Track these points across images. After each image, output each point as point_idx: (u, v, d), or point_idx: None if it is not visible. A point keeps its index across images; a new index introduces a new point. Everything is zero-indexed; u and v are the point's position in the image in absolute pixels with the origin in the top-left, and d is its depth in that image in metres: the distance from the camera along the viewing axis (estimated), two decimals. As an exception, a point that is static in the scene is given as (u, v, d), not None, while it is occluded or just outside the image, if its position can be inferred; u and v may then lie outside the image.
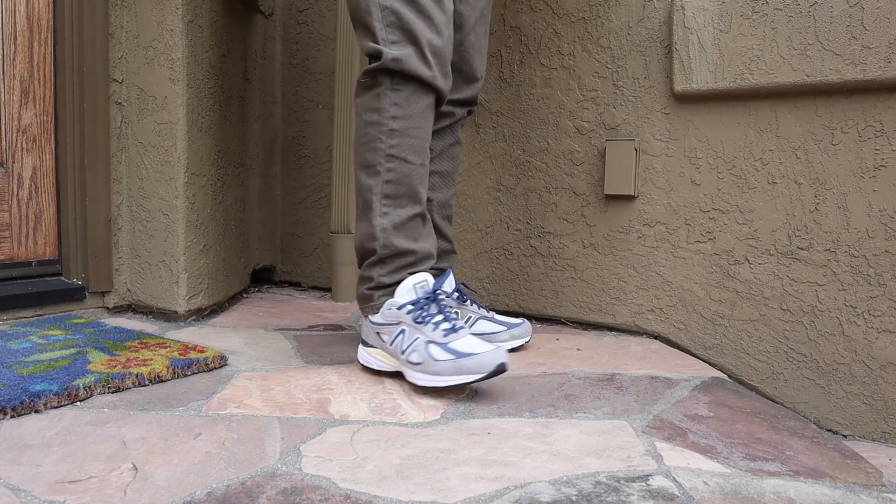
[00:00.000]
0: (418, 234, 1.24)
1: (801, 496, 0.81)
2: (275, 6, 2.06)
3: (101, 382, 1.09)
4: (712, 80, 1.41)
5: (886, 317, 1.29)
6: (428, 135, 1.23)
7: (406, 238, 1.22)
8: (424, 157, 1.23)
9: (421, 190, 1.23)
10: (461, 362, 1.08)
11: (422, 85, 1.21)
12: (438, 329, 1.14)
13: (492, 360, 1.07)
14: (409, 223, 1.23)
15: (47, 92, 1.60)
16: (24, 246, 1.59)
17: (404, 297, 1.19)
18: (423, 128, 1.23)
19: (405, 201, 1.22)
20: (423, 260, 1.24)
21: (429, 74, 1.20)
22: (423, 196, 1.24)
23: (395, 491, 0.79)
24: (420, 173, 1.23)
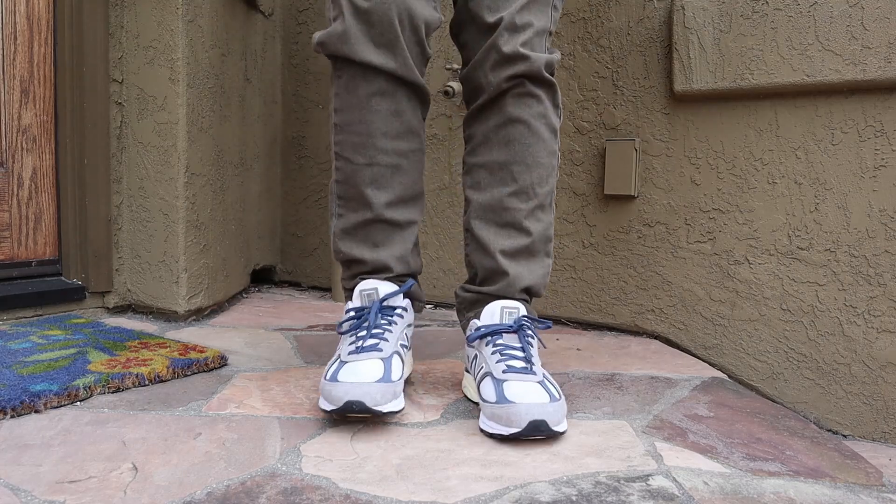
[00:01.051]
0: (375, 241, 1.10)
1: (801, 496, 0.81)
2: (275, 6, 2.06)
3: (101, 382, 1.09)
4: (712, 80, 1.41)
5: (886, 317, 1.29)
6: (377, 129, 1.06)
7: (356, 244, 1.10)
8: (374, 155, 1.07)
9: (370, 193, 1.08)
10: (324, 387, 0.94)
11: (360, 67, 1.02)
12: (344, 347, 1.02)
13: (343, 395, 0.91)
14: (361, 229, 1.10)
15: (47, 92, 1.60)
16: (24, 246, 1.59)
17: (351, 305, 1.07)
18: (368, 121, 1.05)
19: (356, 205, 1.09)
20: (379, 270, 1.11)
21: (354, 51, 1.00)
22: (378, 199, 1.08)
23: (395, 491, 0.79)
24: (366, 175, 1.07)
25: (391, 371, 0.96)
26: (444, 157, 1.82)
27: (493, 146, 1.10)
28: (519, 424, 0.91)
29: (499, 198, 1.10)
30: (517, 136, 1.09)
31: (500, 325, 1.04)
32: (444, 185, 1.82)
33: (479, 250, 1.12)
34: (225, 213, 1.76)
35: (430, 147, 1.83)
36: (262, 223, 2.04)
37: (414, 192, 1.13)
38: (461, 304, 1.17)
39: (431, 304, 1.86)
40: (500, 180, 1.10)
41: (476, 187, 1.13)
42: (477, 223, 1.12)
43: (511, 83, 1.07)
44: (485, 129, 1.11)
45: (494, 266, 1.10)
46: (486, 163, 1.11)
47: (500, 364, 1.00)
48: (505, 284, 1.10)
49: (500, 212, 1.10)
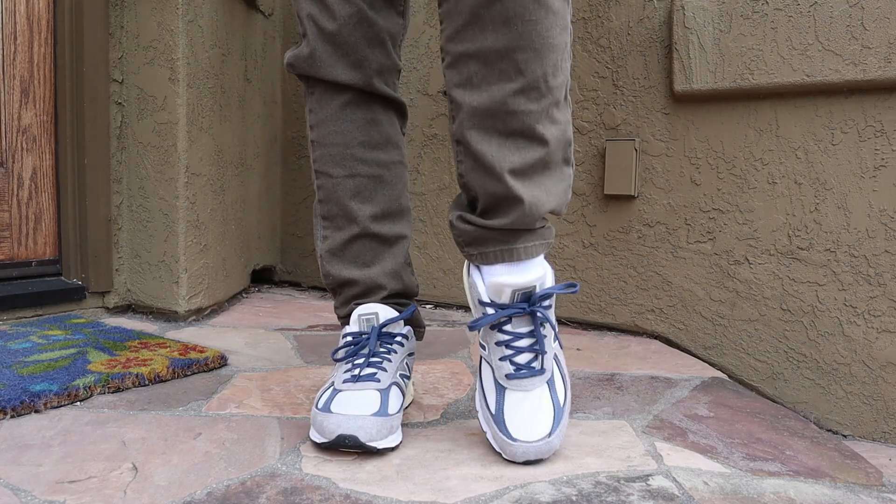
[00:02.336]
0: (364, 259, 1.04)
1: (801, 496, 0.81)
2: (275, 6, 2.06)
3: (101, 382, 1.09)
4: (712, 80, 1.41)
5: (886, 317, 1.29)
6: (353, 138, 1.02)
7: (345, 265, 1.04)
8: (353, 165, 1.02)
9: (354, 207, 1.02)
10: (316, 417, 0.89)
11: (330, 83, 1.01)
12: (338, 375, 0.95)
13: (335, 429, 0.85)
14: (349, 247, 1.04)
15: (47, 92, 1.60)
16: (24, 246, 1.59)
17: (348, 330, 1.01)
18: (342, 132, 1.02)
19: (341, 222, 1.03)
20: (372, 290, 1.04)
21: (323, 73, 0.99)
22: (363, 212, 1.02)
23: (395, 491, 0.79)
24: (348, 187, 1.02)
25: (388, 403, 0.90)
26: (444, 157, 1.82)
27: (485, 26, 0.81)
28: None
29: (501, 98, 0.83)
30: (519, 9, 0.80)
31: (509, 310, 0.88)
32: (444, 185, 1.82)
33: (479, 169, 0.87)
34: (225, 213, 1.76)
35: (430, 147, 1.83)
36: (262, 223, 2.04)
37: (399, 206, 1.07)
38: (460, 237, 0.93)
39: (431, 303, 1.86)
40: (501, 74, 0.82)
41: (467, 85, 0.85)
42: (473, 134, 0.86)
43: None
44: (472, 2, 0.81)
45: (503, 191, 0.86)
46: (479, 51, 0.82)
47: (505, 362, 0.89)
48: (520, 214, 0.86)
49: (503, 117, 0.84)
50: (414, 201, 1.87)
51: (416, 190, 1.86)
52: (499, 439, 0.87)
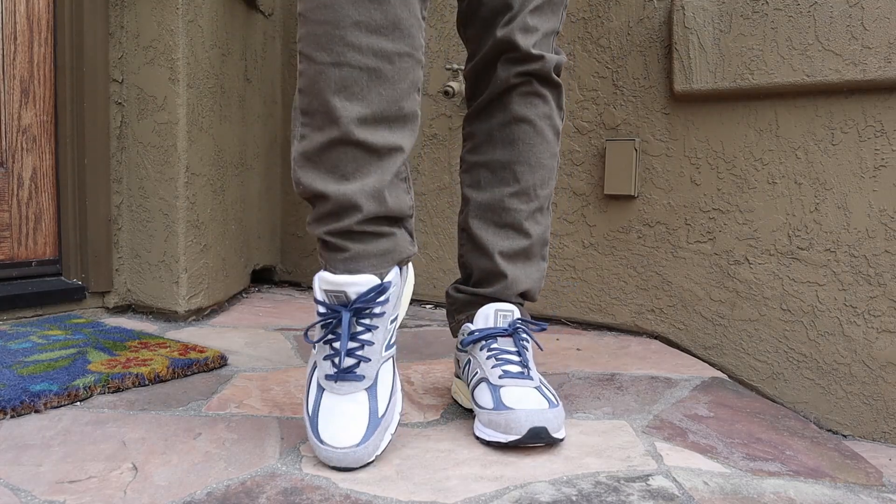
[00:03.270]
0: (343, 170, 0.86)
1: (801, 496, 0.81)
2: (275, 6, 2.06)
3: (101, 382, 1.09)
4: (712, 80, 1.41)
5: (886, 317, 1.29)
6: (346, 15, 0.83)
7: (319, 174, 0.86)
8: (342, 51, 0.83)
9: (336, 102, 0.83)
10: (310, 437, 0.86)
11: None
12: (319, 361, 0.90)
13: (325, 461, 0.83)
14: (327, 153, 0.85)
15: (47, 92, 1.60)
16: (24, 246, 1.59)
17: (318, 295, 0.89)
18: (333, 6, 0.82)
19: (321, 120, 0.85)
20: (345, 210, 0.86)
21: None
22: (347, 112, 0.84)
23: (395, 491, 0.79)
24: (331, 77, 0.83)
25: (377, 407, 0.86)
26: (444, 157, 1.82)
27: (496, 144, 1.06)
28: (519, 431, 0.88)
29: (500, 198, 1.05)
30: (522, 135, 1.05)
31: (494, 329, 1.01)
32: (444, 185, 1.82)
33: (476, 251, 1.07)
34: (225, 213, 1.76)
35: (430, 147, 1.83)
36: (262, 223, 2.04)
37: (400, 110, 0.88)
38: (452, 305, 1.12)
39: (431, 303, 1.86)
40: (502, 180, 1.06)
41: (476, 186, 1.08)
42: (475, 223, 1.06)
43: (519, 80, 1.03)
44: (488, 126, 1.07)
45: (492, 267, 1.05)
46: (488, 161, 1.06)
47: (497, 369, 0.97)
48: (502, 287, 1.05)
49: (500, 212, 1.05)
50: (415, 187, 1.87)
51: (417, 190, 1.86)
52: (497, 418, 0.91)
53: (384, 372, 0.90)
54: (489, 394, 0.94)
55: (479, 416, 0.94)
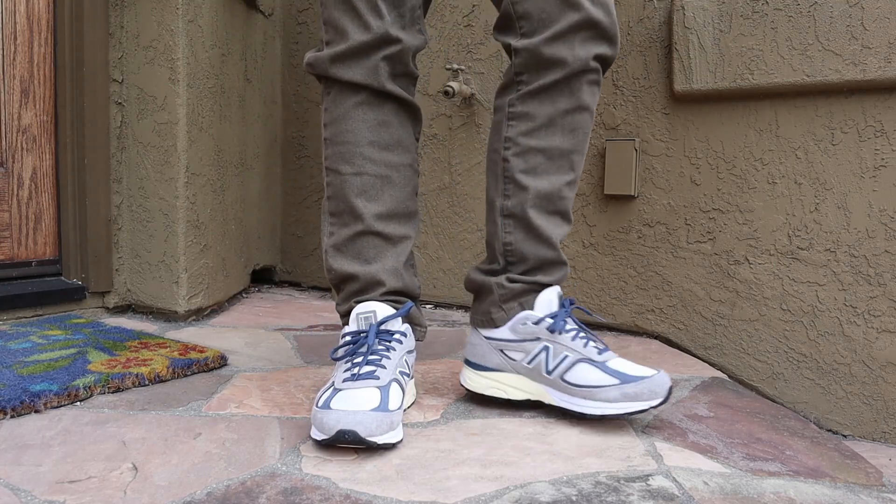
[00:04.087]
0: (367, 256, 1.07)
1: (801, 496, 0.81)
2: (275, 6, 2.06)
3: (101, 382, 1.09)
4: (712, 80, 1.41)
5: (886, 317, 1.29)
6: (360, 137, 1.07)
7: (347, 260, 1.07)
8: (361, 164, 1.07)
9: (359, 203, 1.06)
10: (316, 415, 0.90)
11: (347, 83, 1.06)
12: (338, 374, 0.97)
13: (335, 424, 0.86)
14: (352, 243, 1.07)
15: (47, 92, 1.60)
16: (24, 246, 1.59)
17: (347, 329, 1.03)
18: (353, 131, 1.07)
19: (347, 218, 1.08)
20: (371, 286, 1.07)
21: (340, 74, 1.05)
22: (368, 210, 1.06)
23: (395, 491, 0.79)
24: (354, 184, 1.07)
25: (388, 400, 0.91)
26: (444, 157, 1.82)
27: (557, 131, 1.04)
28: (662, 394, 0.95)
29: (558, 186, 1.05)
30: (582, 124, 1.05)
31: (558, 312, 1.03)
32: (444, 185, 1.82)
33: (534, 239, 1.05)
34: (225, 213, 1.76)
35: (430, 147, 1.83)
36: (262, 223, 2.04)
37: (407, 209, 1.11)
38: (504, 296, 1.06)
39: (431, 303, 1.87)
40: (560, 168, 1.05)
41: (532, 172, 1.05)
42: (534, 212, 1.05)
43: (595, 64, 1.02)
44: (551, 111, 1.03)
45: (554, 257, 1.06)
46: (547, 148, 1.04)
47: (590, 348, 1.00)
48: (562, 275, 1.07)
49: (555, 200, 1.05)
50: (414, 201, 1.87)
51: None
52: (639, 388, 0.95)
53: (395, 389, 0.96)
54: (600, 371, 0.98)
55: (603, 393, 0.97)
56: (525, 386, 1.05)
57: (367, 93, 1.06)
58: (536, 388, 1.04)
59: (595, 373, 0.98)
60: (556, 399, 1.02)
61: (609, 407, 0.96)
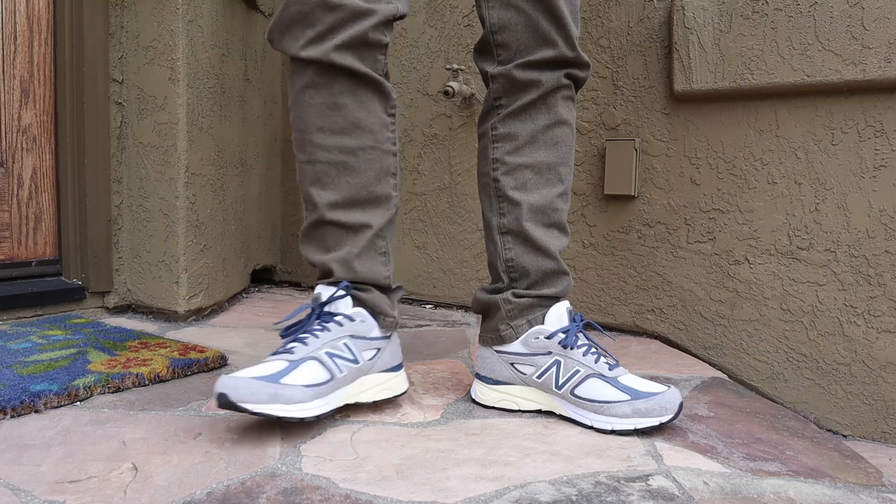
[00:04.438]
0: (328, 243, 1.05)
1: (801, 496, 0.81)
2: (275, 6, 2.06)
3: (101, 382, 1.09)
4: (712, 80, 1.41)
5: (886, 317, 1.29)
6: (309, 124, 1.02)
7: (311, 247, 1.06)
8: (312, 151, 1.03)
9: (313, 192, 1.03)
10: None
11: (296, 60, 1.00)
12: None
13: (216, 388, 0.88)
14: (314, 231, 1.05)
15: (47, 92, 1.60)
16: (24, 246, 1.59)
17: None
18: (302, 117, 1.02)
19: (308, 205, 1.06)
20: (326, 274, 1.05)
21: (281, 44, 1.00)
22: (321, 199, 1.03)
23: (395, 491, 0.79)
24: (308, 172, 1.03)
25: (289, 373, 0.92)
26: (444, 157, 1.82)
27: (540, 147, 1.08)
28: (673, 409, 0.97)
29: (549, 199, 1.08)
30: (563, 137, 1.09)
31: (570, 326, 1.04)
32: (444, 185, 1.82)
33: (534, 252, 1.08)
34: (225, 213, 1.76)
35: (430, 147, 1.83)
36: (262, 223, 2.04)
37: (370, 195, 1.05)
38: (511, 312, 1.07)
39: (431, 303, 1.86)
40: (548, 181, 1.09)
41: (523, 189, 1.08)
42: (530, 225, 1.07)
43: (567, 81, 1.08)
44: (532, 128, 1.08)
45: (555, 267, 1.08)
46: (534, 163, 1.08)
47: (601, 364, 1.01)
48: (566, 286, 1.09)
49: (549, 213, 1.08)
50: (414, 201, 1.87)
51: (417, 190, 1.86)
52: (649, 404, 0.98)
53: (310, 366, 0.95)
54: (611, 386, 0.99)
55: (613, 408, 0.98)
56: (536, 397, 1.06)
57: (313, 71, 0.99)
58: (547, 400, 1.05)
59: (606, 388, 0.99)
60: (567, 411, 1.03)
61: (620, 422, 0.98)
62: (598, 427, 0.99)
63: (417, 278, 1.88)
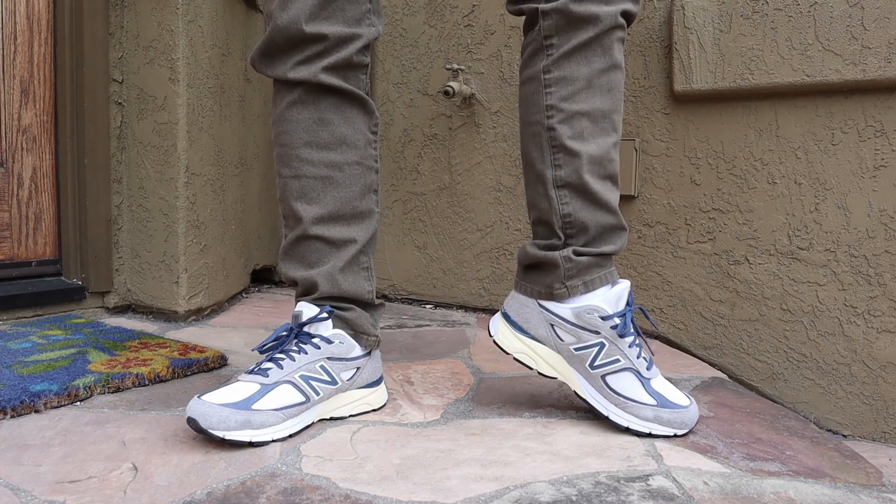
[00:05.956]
0: (309, 260, 1.03)
1: (801, 496, 0.81)
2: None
3: (101, 382, 1.09)
4: (712, 80, 1.41)
5: (886, 317, 1.29)
6: (296, 139, 1.02)
7: (293, 264, 1.04)
8: (298, 166, 1.02)
9: (298, 207, 1.02)
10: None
11: (282, 81, 1.02)
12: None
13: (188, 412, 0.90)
14: (296, 247, 1.04)
15: (47, 92, 1.60)
16: (24, 246, 1.59)
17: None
18: (288, 132, 1.02)
19: (291, 222, 1.04)
20: (309, 289, 1.03)
21: (268, 69, 1.01)
22: (307, 213, 1.02)
23: (395, 491, 0.79)
24: (293, 187, 1.03)
25: (261, 398, 0.92)
26: (444, 157, 1.82)
27: (596, 92, 1.00)
28: (691, 425, 0.98)
29: (606, 149, 1.01)
30: (618, 83, 1.02)
31: (626, 312, 1.00)
32: (444, 185, 1.82)
33: (593, 206, 1.01)
34: (225, 213, 1.76)
35: (430, 147, 1.83)
36: (262, 223, 2.04)
37: (354, 209, 1.04)
38: (570, 271, 1.00)
39: (431, 303, 1.86)
40: (603, 130, 1.01)
41: (580, 138, 1.00)
42: (590, 178, 1.00)
43: (623, 21, 1.00)
44: (588, 72, 1.00)
45: (615, 222, 1.02)
46: (591, 111, 1.01)
47: (641, 360, 0.99)
48: (623, 241, 1.03)
49: (606, 164, 1.01)
50: (413, 201, 1.87)
51: (417, 190, 1.86)
52: (672, 416, 0.98)
53: (283, 391, 0.95)
54: (642, 387, 0.98)
55: (637, 409, 0.97)
56: (558, 365, 1.02)
57: (300, 90, 1.01)
58: (568, 371, 1.02)
59: (637, 387, 0.98)
60: (584, 390, 1.00)
61: (638, 423, 0.97)
62: (614, 420, 0.98)
63: (417, 278, 1.88)
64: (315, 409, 0.99)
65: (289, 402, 0.94)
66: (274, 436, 0.92)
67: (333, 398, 1.01)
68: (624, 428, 0.98)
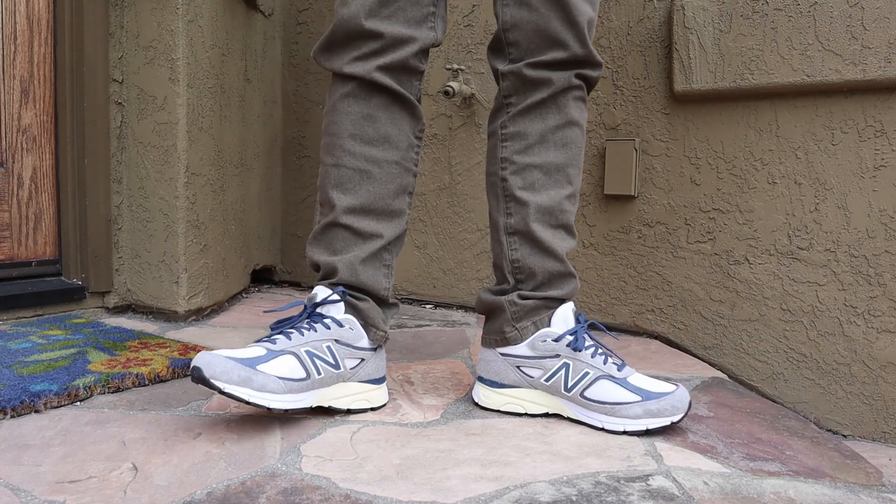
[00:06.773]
0: (335, 247, 1.06)
1: (801, 496, 0.81)
2: (275, 6, 2.06)
3: (101, 382, 1.09)
4: (712, 80, 1.41)
5: (886, 317, 1.29)
6: (342, 129, 1.06)
7: (319, 249, 1.08)
8: (340, 155, 1.06)
9: (334, 195, 1.06)
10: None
11: (339, 74, 1.07)
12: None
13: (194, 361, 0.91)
14: (326, 233, 1.07)
15: (47, 92, 1.60)
16: (24, 246, 1.59)
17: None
18: (336, 122, 1.07)
19: (325, 209, 1.08)
20: (330, 274, 1.06)
21: (327, 61, 1.07)
22: (340, 202, 1.05)
23: (395, 491, 0.79)
24: (332, 175, 1.07)
25: (265, 362, 0.93)
26: (444, 157, 1.82)
27: (549, 147, 1.08)
28: (683, 409, 0.98)
29: (558, 200, 1.08)
30: (574, 138, 1.09)
31: (577, 328, 1.03)
32: (444, 185, 1.82)
33: (540, 253, 1.07)
34: (225, 213, 1.76)
35: (430, 147, 1.83)
36: (262, 223, 2.04)
37: (386, 206, 1.07)
38: (516, 314, 1.06)
39: (431, 303, 1.86)
40: (557, 182, 1.08)
41: (531, 188, 1.08)
42: (537, 226, 1.07)
43: (578, 81, 1.07)
44: (542, 128, 1.08)
45: (562, 269, 1.07)
46: (543, 164, 1.08)
47: (610, 364, 1.01)
48: (572, 288, 1.08)
49: (557, 214, 1.08)
50: (414, 201, 1.87)
51: (417, 190, 1.86)
52: (661, 404, 0.99)
53: (287, 360, 0.96)
54: (622, 387, 0.99)
55: (625, 409, 0.98)
56: (543, 401, 1.05)
57: (354, 84, 1.05)
58: (554, 403, 1.05)
59: (616, 389, 0.99)
60: (575, 413, 1.02)
61: (632, 423, 0.97)
62: (610, 429, 0.98)
63: (417, 278, 1.88)
64: (314, 393, 0.99)
65: (290, 373, 0.95)
66: (270, 404, 0.92)
67: (334, 386, 1.02)
68: (621, 432, 0.98)
